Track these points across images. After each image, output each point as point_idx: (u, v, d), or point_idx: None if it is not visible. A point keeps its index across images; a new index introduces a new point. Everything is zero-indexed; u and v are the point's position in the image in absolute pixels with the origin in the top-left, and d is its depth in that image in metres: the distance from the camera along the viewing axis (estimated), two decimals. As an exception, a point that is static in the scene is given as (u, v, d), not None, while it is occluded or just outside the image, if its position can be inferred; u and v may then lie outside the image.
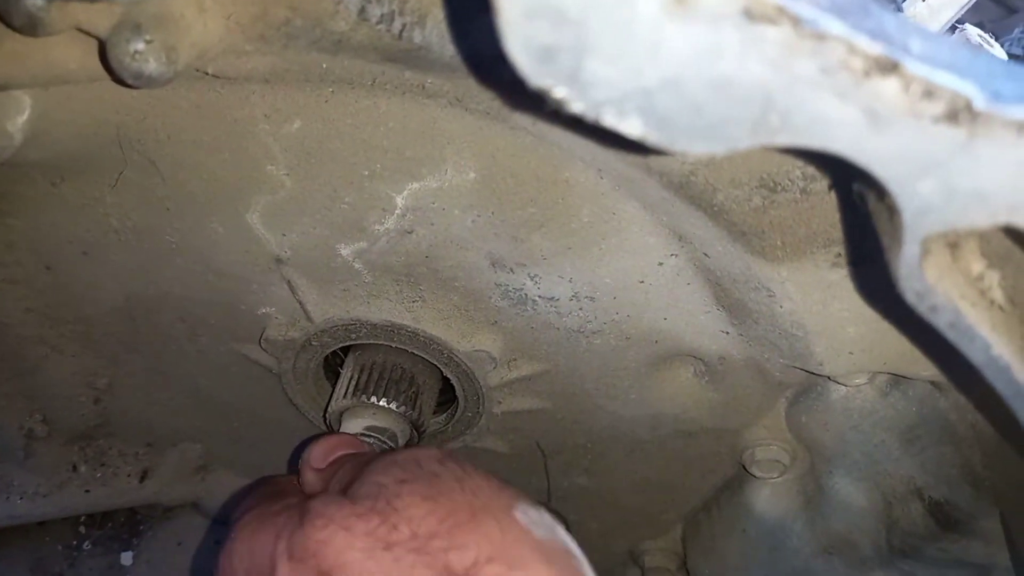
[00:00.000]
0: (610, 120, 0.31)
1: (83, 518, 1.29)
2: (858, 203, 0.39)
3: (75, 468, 1.11)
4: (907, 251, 0.34)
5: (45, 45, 0.58)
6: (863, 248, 0.58)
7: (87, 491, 1.12)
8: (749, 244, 0.65)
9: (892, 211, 0.33)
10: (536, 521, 0.57)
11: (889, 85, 0.29)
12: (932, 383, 0.77)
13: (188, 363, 1.00)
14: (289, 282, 0.85)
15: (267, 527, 0.57)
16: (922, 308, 0.36)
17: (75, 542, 1.28)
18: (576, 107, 0.31)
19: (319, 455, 0.71)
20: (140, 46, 0.52)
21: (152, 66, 0.53)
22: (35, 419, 1.05)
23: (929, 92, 0.29)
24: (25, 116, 0.64)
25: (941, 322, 0.36)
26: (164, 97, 0.70)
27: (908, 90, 0.30)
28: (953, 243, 0.40)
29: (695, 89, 0.30)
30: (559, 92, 0.31)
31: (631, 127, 0.31)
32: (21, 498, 1.08)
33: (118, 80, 0.55)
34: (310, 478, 0.70)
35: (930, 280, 0.35)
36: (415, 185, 0.74)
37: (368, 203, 0.76)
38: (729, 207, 0.62)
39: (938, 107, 0.30)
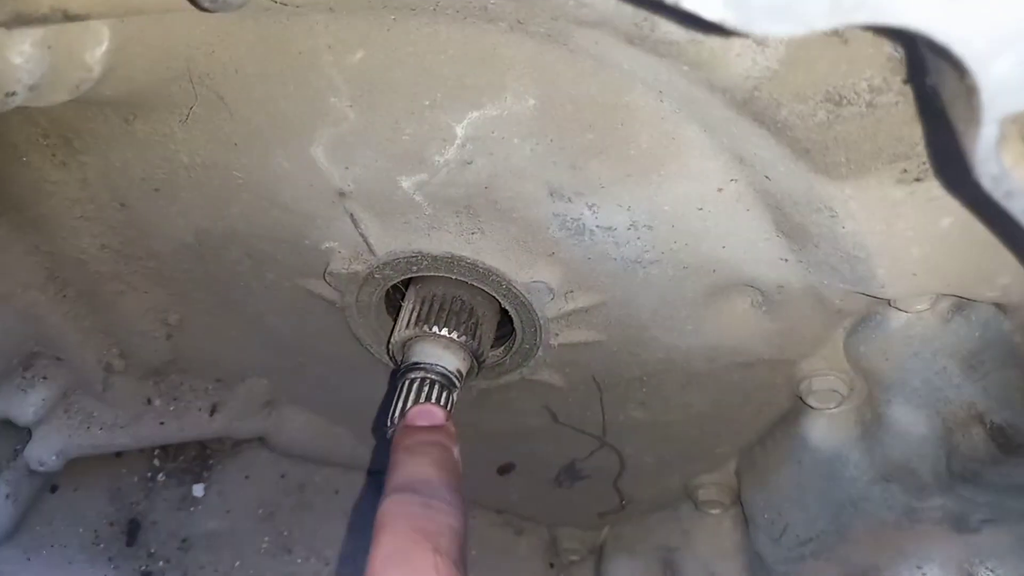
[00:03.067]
0: (689, 2, 0.32)
1: (157, 451, 1.35)
2: (931, 97, 0.39)
3: (150, 402, 1.17)
4: (984, 133, 0.34)
5: (123, -26, 0.60)
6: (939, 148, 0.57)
7: (161, 423, 1.17)
8: (812, 162, 0.65)
9: (970, 91, 0.33)
10: None
11: (972, -46, 0.29)
12: (996, 306, 0.76)
13: (255, 299, 1.04)
14: (352, 215, 0.87)
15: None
16: (998, 194, 0.36)
17: (150, 474, 1.35)
18: (656, -11, 0.32)
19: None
20: (216, -32, 0.54)
21: (228, -12, 0.55)
22: (112, 353, 1.11)
23: (1013, -39, 0.29)
24: (104, 48, 0.67)
25: (1017, 208, 0.36)
26: (231, 30, 0.71)
27: (991, -41, 0.30)
28: (1028, 136, 0.40)
29: (775, -37, 0.30)
30: (639, -26, 0.31)
31: (710, 8, 0.32)
32: (101, 429, 1.14)
33: (195, 3, 0.56)
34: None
35: (1007, 164, 0.35)
36: (475, 114, 0.75)
37: (429, 134, 0.77)
38: (793, 123, 0.62)
39: (1022, -24, 0.30)
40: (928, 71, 0.40)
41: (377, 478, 1.40)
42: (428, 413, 0.83)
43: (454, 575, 0.63)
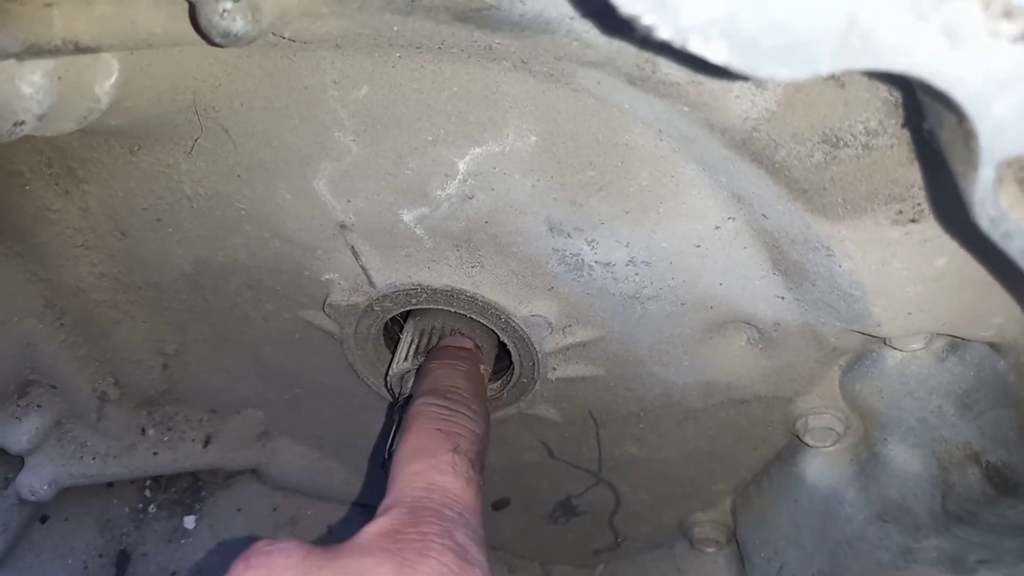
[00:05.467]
0: (696, 46, 0.33)
1: (148, 482, 1.34)
2: (928, 140, 0.40)
3: (144, 431, 1.16)
4: (983, 175, 0.35)
5: (133, 8, 0.61)
6: (936, 189, 0.59)
7: (155, 454, 1.16)
8: (809, 202, 0.66)
9: (968, 136, 0.34)
10: None
11: (969, 4, 0.31)
12: (991, 345, 0.76)
13: (253, 330, 1.04)
14: (353, 248, 0.87)
15: None
16: (996, 235, 0.37)
17: (141, 505, 1.33)
18: (663, 33, 0.33)
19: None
20: (228, 5, 0.55)
21: (239, 24, 0.56)
22: (107, 382, 1.10)
23: (1008, 12, 0.30)
24: (113, 79, 0.67)
25: (1014, 249, 0.37)
26: (239, 64, 0.73)
27: (988, 9, 0.31)
28: (1022, 180, 0.41)
29: (779, 10, 0.31)
30: (647, 19, 0.32)
31: (716, 52, 0.33)
32: (93, 458, 1.13)
33: (206, 38, 0.57)
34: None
35: (1004, 206, 0.36)
36: (477, 150, 0.76)
37: (431, 168, 0.78)
38: (790, 163, 0.63)
39: (1017, 27, 0.31)
40: (925, 115, 0.41)
41: (370, 512, 1.38)
42: (458, 339, 0.93)
43: (469, 473, 0.69)
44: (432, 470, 0.68)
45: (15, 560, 1.19)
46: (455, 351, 0.90)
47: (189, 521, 1.34)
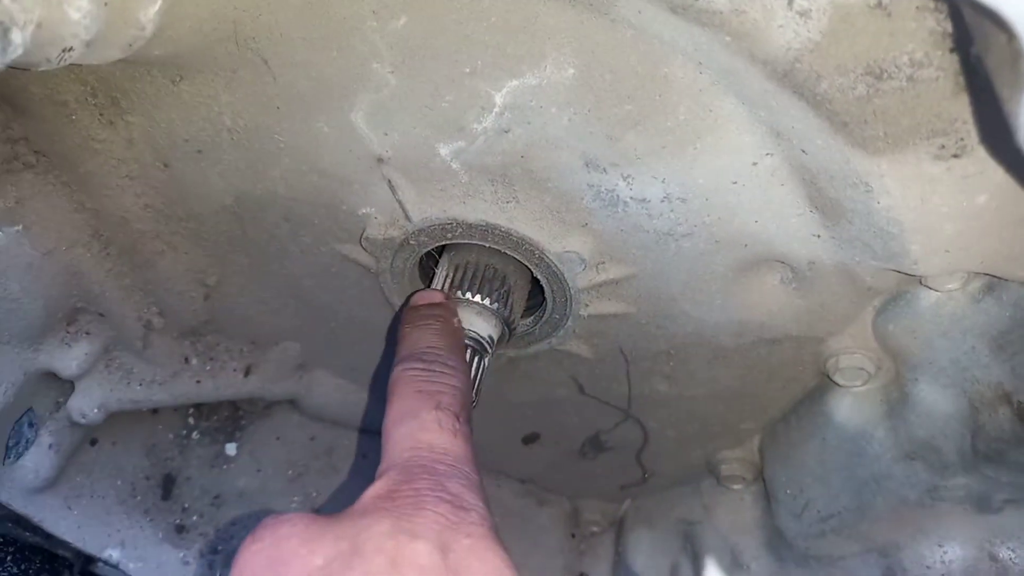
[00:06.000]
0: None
1: (191, 410, 1.39)
2: (975, 65, 0.40)
3: (187, 360, 1.20)
4: (1027, 98, 0.35)
5: (176, -66, 0.62)
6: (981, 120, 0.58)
7: (198, 382, 1.20)
8: (850, 135, 0.65)
9: (1016, 56, 0.33)
10: None
11: (1023, -81, 0.30)
12: (1029, 286, 0.76)
13: (290, 263, 1.06)
14: (389, 181, 0.88)
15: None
16: (1038, 159, 0.37)
17: (185, 432, 1.39)
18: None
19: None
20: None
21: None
22: (152, 312, 1.13)
23: (1063, -74, 0.30)
24: (156, 7, 0.68)
25: (1057, 174, 0.37)
26: (279, -7, 0.73)
27: (1042, -76, 0.30)
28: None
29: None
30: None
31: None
32: (140, 384, 1.17)
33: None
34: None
35: (1049, 129, 0.36)
36: (514, 83, 0.76)
37: (468, 101, 0.78)
38: (832, 95, 0.62)
39: (1071, -58, 0.30)
40: (973, 39, 0.40)
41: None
42: (428, 295, 0.94)
43: (454, 426, 0.73)
44: (419, 431, 0.72)
45: (68, 479, 1.25)
46: (425, 309, 0.92)
47: (231, 448, 1.39)
